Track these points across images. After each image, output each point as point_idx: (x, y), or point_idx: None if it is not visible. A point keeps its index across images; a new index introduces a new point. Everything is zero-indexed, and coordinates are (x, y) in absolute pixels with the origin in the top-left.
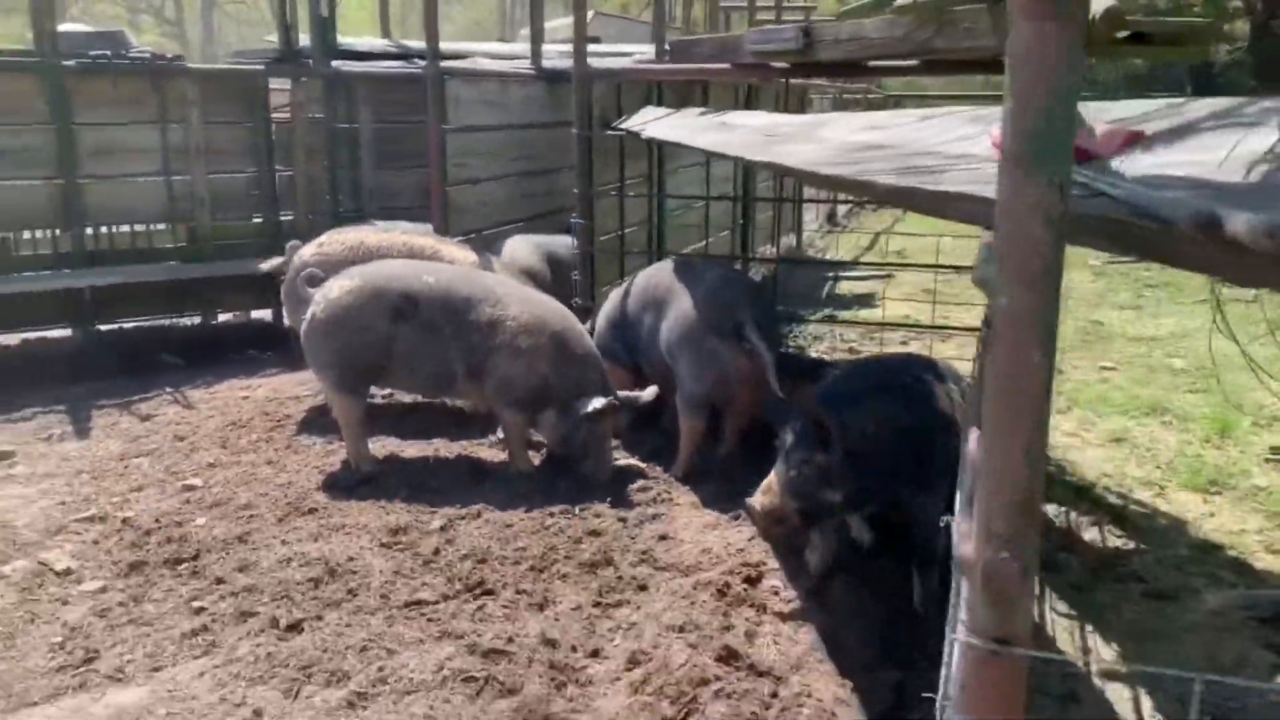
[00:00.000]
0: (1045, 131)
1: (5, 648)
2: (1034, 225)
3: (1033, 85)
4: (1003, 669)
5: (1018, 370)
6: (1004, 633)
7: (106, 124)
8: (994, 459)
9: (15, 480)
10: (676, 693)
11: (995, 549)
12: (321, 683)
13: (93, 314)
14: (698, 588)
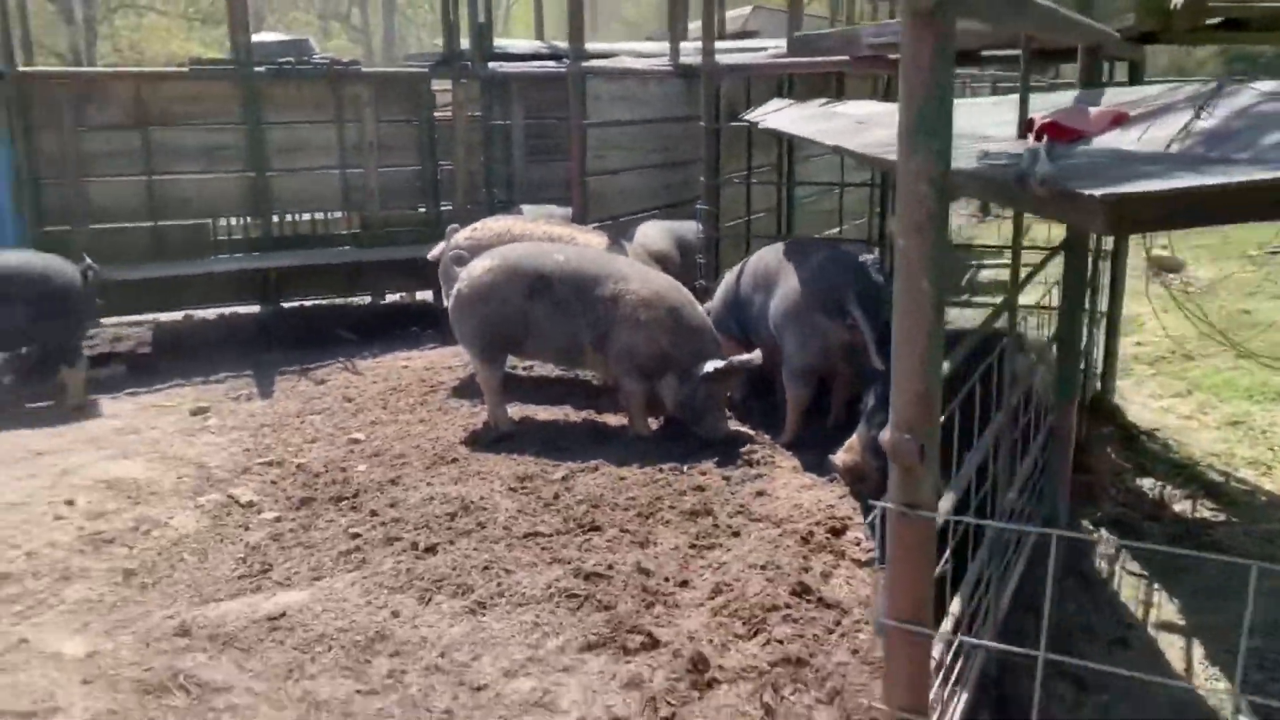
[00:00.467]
0: (925, 113)
1: (199, 561)
2: (920, 184)
3: (914, 78)
4: (912, 529)
5: (912, 296)
6: (910, 499)
7: (292, 123)
8: (899, 364)
9: (209, 431)
10: (749, 615)
11: (901, 431)
12: (449, 594)
13: (277, 292)
14: (784, 535)
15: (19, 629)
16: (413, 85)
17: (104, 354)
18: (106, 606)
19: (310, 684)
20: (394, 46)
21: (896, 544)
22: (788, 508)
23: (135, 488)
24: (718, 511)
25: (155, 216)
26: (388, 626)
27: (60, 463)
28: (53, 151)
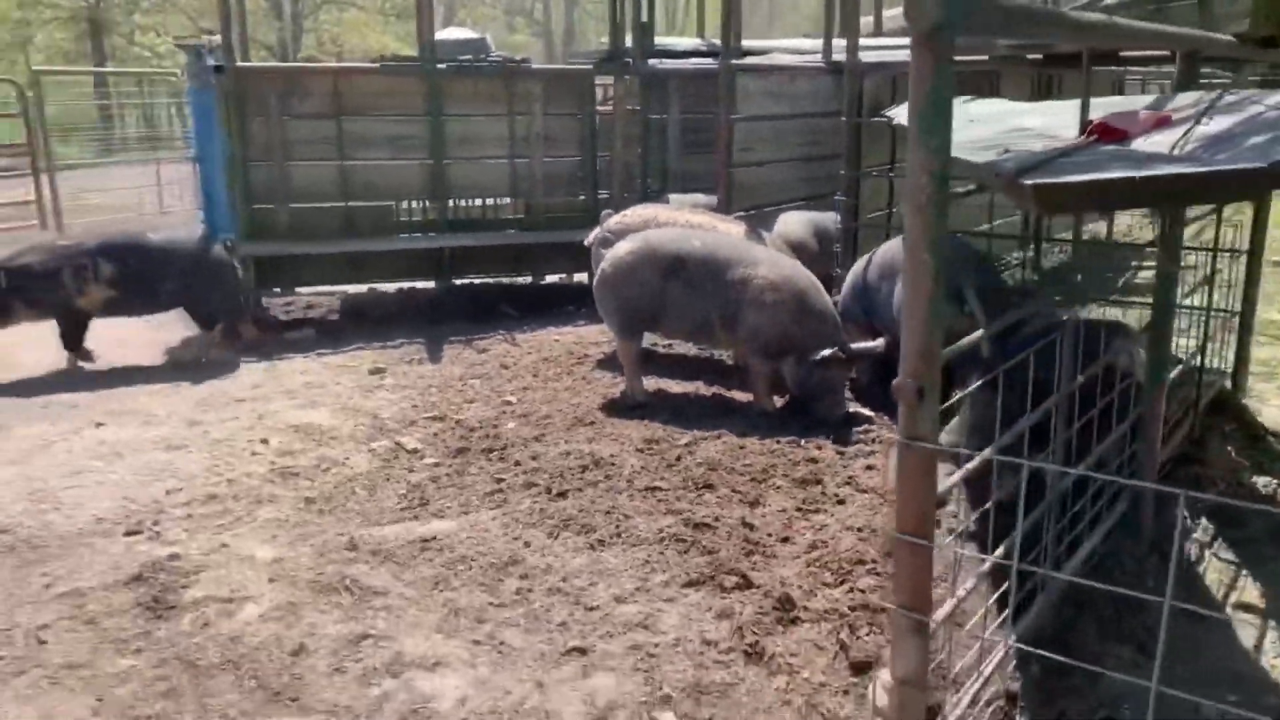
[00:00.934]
0: (926, 116)
1: (368, 494)
2: (921, 175)
3: (917, 88)
4: (914, 458)
5: (916, 267)
6: (913, 433)
7: (468, 116)
8: (908, 323)
9: (384, 389)
10: (838, 567)
11: (906, 376)
12: (574, 531)
13: (450, 270)
14: (886, 504)
15: (221, 537)
16: (578, 81)
17: (298, 319)
18: (291, 525)
19: (452, 594)
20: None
21: (902, 471)
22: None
23: (319, 432)
24: (827, 481)
25: (346, 198)
26: (520, 554)
27: (258, 409)
28: (261, 138)
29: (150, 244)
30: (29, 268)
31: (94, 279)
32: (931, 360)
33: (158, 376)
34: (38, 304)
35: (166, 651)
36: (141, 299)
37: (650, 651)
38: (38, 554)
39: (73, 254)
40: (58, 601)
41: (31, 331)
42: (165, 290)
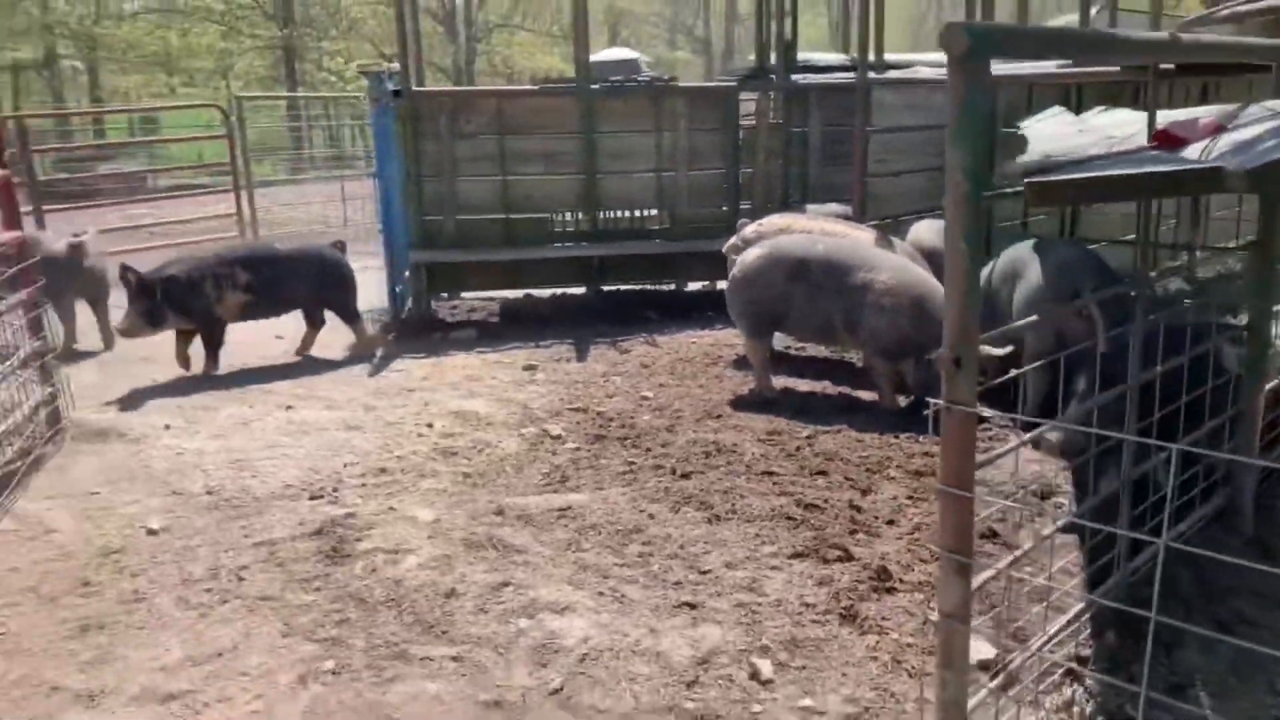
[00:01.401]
0: (961, 126)
1: (516, 471)
2: (956, 174)
3: (956, 103)
4: (954, 419)
5: (953, 254)
6: (952, 398)
7: (619, 133)
8: (949, 302)
9: (535, 383)
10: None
11: (947, 349)
12: (694, 507)
13: (599, 277)
14: (993, 494)
15: (389, 502)
16: (722, 98)
17: (462, 321)
18: (448, 494)
19: (582, 554)
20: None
21: (945, 431)
22: (1005, 475)
23: (477, 419)
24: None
25: (507, 210)
26: (644, 524)
27: (425, 398)
28: (433, 156)
29: (279, 253)
30: (176, 278)
31: (232, 287)
32: (968, 334)
33: (339, 368)
34: (185, 311)
35: (341, 590)
36: (271, 303)
37: (753, 609)
38: (238, 511)
39: (214, 264)
40: (254, 548)
41: (247, 329)
42: (292, 295)
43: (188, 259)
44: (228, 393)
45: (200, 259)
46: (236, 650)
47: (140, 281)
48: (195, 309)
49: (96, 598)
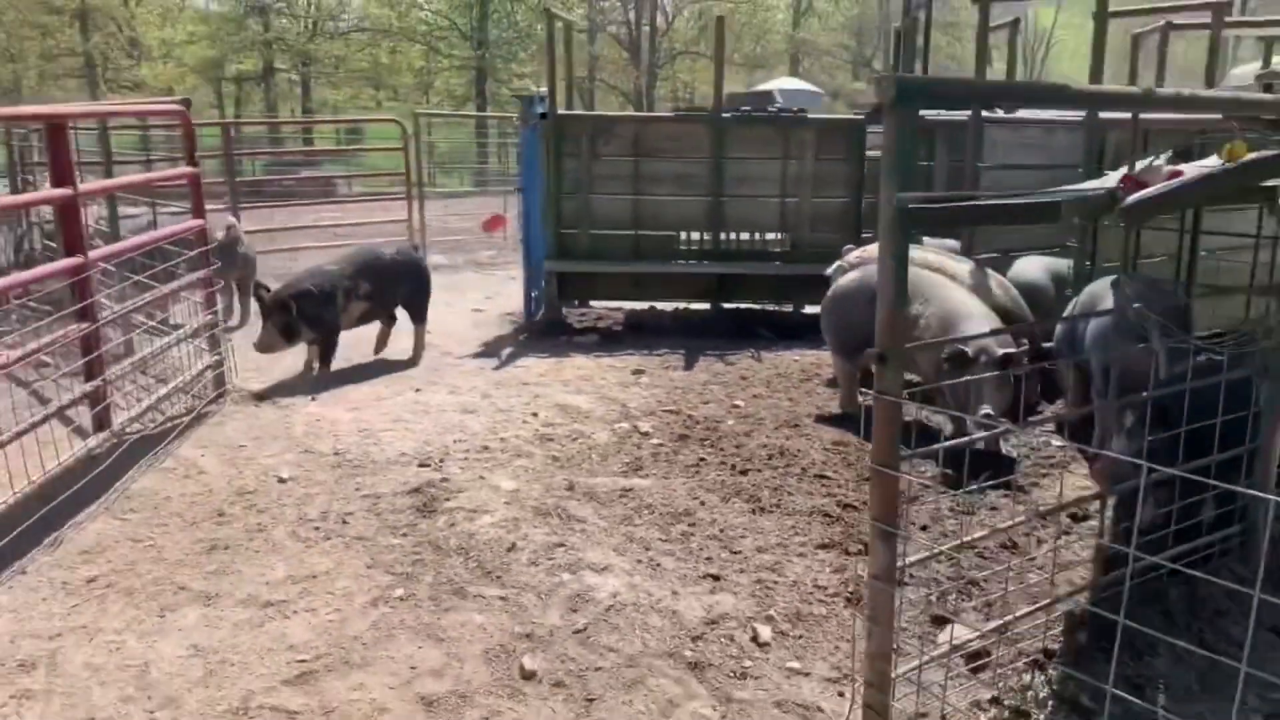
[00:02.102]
0: (891, 162)
1: (600, 459)
2: (886, 206)
3: (888, 142)
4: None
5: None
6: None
7: (746, 159)
8: (880, 310)
9: (639, 386)
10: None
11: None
12: (743, 499)
13: (719, 294)
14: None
15: (481, 474)
16: (849, 130)
17: (588, 327)
18: (533, 471)
19: (632, 529)
20: None
21: (875, 417)
22: (1050, 497)
23: (578, 412)
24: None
25: (636, 227)
26: (694, 509)
27: (536, 391)
28: (572, 174)
29: (387, 259)
30: (310, 293)
31: (356, 297)
32: (894, 336)
33: (467, 361)
34: (317, 324)
35: (423, 538)
36: (381, 308)
37: (769, 586)
38: (355, 470)
39: (341, 276)
40: (361, 499)
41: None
42: (394, 299)
43: (316, 273)
44: (368, 375)
45: (329, 272)
46: (328, 575)
47: (276, 299)
48: (326, 320)
49: (227, 526)
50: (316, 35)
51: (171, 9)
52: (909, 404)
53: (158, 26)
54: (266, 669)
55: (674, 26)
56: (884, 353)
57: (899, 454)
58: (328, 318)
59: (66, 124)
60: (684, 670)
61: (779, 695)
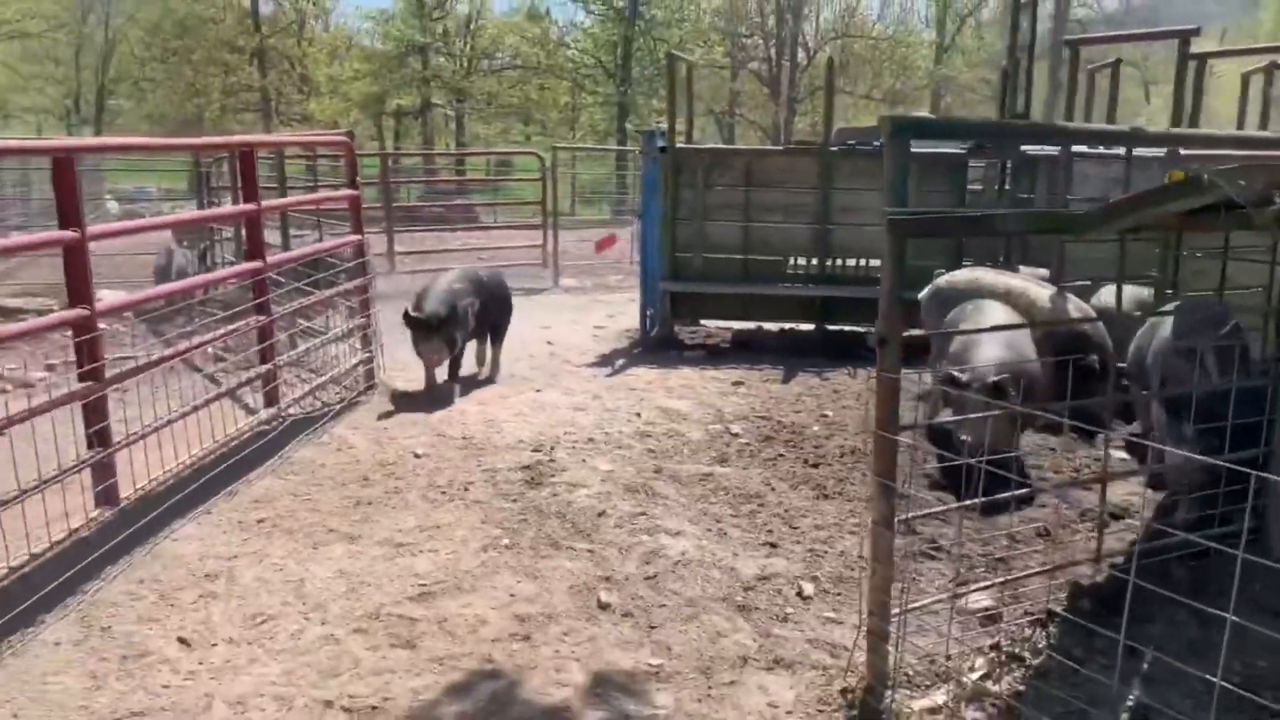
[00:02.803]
0: (892, 185)
1: (691, 452)
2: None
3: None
4: (883, 383)
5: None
6: (882, 368)
7: (851, 189)
8: (881, 304)
9: (736, 395)
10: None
11: (878, 332)
12: (810, 487)
13: (823, 316)
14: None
15: (584, 458)
16: (950, 164)
17: (698, 344)
18: (629, 459)
19: (707, 505)
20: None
21: (877, 391)
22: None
23: (677, 414)
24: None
25: (746, 252)
26: (764, 493)
27: (642, 395)
28: (688, 202)
29: (489, 279)
30: (441, 314)
31: (474, 313)
32: (891, 322)
33: (584, 369)
34: (449, 342)
35: (529, 504)
36: (485, 327)
37: (820, 554)
38: (479, 451)
39: (466, 295)
40: (481, 473)
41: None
42: (494, 317)
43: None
44: (498, 379)
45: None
46: (449, 526)
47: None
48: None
49: (369, 488)
50: (471, 73)
51: (340, 47)
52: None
53: (326, 64)
54: (395, 589)
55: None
56: (884, 337)
57: (897, 422)
58: (461, 334)
59: (255, 151)
60: (734, 611)
61: (811, 635)
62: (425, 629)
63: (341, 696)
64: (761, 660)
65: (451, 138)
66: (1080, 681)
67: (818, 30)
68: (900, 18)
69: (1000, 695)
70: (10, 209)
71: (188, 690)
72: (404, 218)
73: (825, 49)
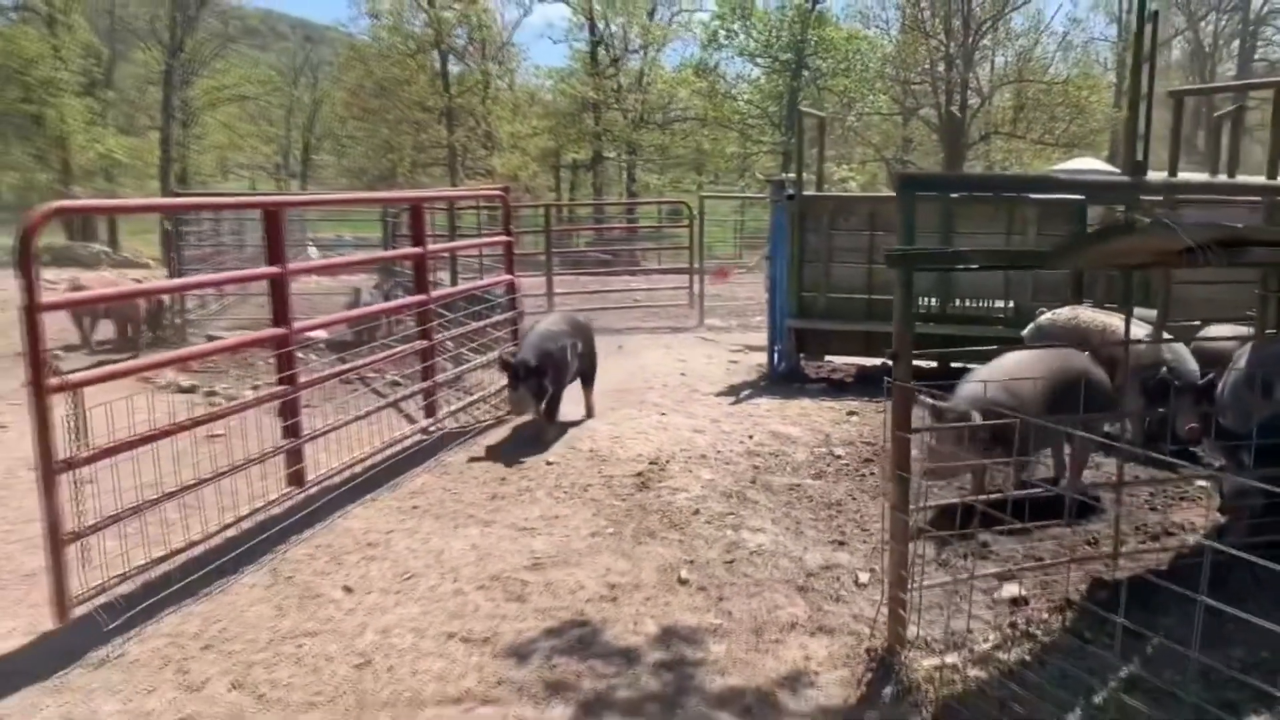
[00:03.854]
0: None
1: (792, 469)
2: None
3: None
4: (899, 391)
5: (898, 301)
6: (896, 377)
7: (973, 233)
8: (895, 322)
9: (848, 423)
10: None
11: (892, 349)
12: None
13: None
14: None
15: (691, 469)
16: (1071, 209)
17: (822, 377)
18: (731, 472)
19: (790, 509)
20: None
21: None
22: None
23: (786, 438)
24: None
25: (869, 291)
26: (845, 501)
27: (758, 421)
28: (813, 245)
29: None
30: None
31: (574, 354)
32: (902, 340)
33: (710, 397)
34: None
35: (635, 503)
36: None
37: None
38: (602, 462)
39: (563, 336)
40: (599, 478)
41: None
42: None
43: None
44: (630, 403)
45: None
46: (566, 518)
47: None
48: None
49: (505, 486)
50: (641, 126)
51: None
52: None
53: (509, 121)
54: (514, 560)
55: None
56: (897, 352)
57: (910, 424)
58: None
59: (423, 205)
60: (794, 591)
61: (856, 612)
62: (534, 589)
63: (461, 631)
64: (807, 627)
65: (623, 187)
66: (1084, 656)
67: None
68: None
69: (1005, 662)
70: (227, 255)
71: (348, 621)
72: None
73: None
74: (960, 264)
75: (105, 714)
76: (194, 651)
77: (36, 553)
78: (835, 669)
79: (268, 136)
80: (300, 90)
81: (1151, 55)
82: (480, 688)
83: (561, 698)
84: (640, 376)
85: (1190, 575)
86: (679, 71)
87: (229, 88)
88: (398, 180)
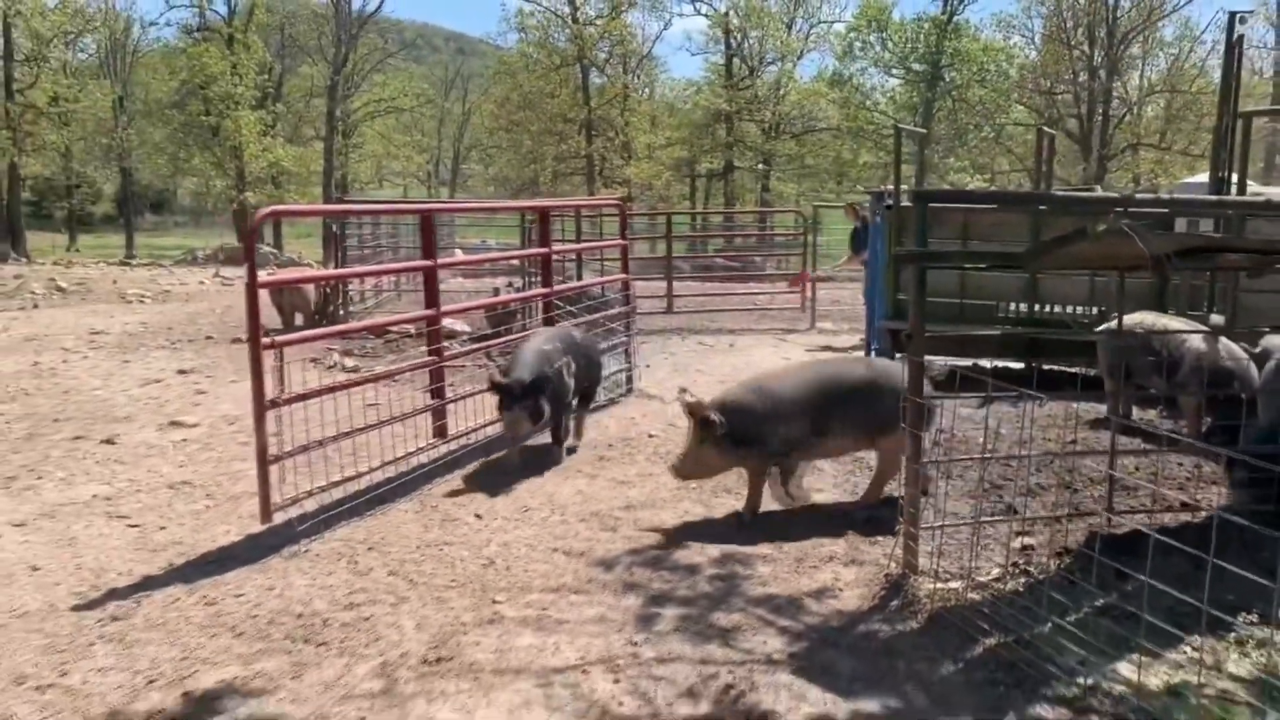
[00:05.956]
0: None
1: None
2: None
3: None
4: (912, 364)
5: (912, 297)
6: (911, 354)
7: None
8: (910, 319)
9: None
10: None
11: (908, 329)
12: (944, 474)
13: (1031, 355)
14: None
15: None
16: (1157, 220)
17: None
18: None
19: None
20: None
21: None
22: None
23: None
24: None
25: (961, 295)
26: None
27: None
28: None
29: (577, 340)
30: (548, 376)
31: (572, 373)
32: (917, 323)
33: None
34: (585, 400)
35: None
36: (587, 385)
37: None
38: None
39: (559, 354)
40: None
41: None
42: (590, 376)
43: (544, 355)
44: None
45: (548, 352)
46: (658, 475)
47: (521, 386)
48: (561, 399)
49: (611, 450)
50: (775, 136)
51: (659, 115)
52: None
53: (645, 132)
54: (611, 504)
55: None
56: (910, 333)
57: (922, 391)
58: (562, 397)
59: (549, 213)
60: (838, 535)
61: (888, 551)
62: (624, 522)
63: (563, 547)
64: (842, 559)
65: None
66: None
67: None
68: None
69: (1001, 590)
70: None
71: (477, 536)
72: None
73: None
74: (944, 264)
75: (297, 585)
76: (361, 551)
77: (239, 481)
78: (856, 588)
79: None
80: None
81: (1237, 74)
82: (574, 582)
83: (634, 592)
84: (745, 369)
85: (1180, 533)
86: (813, 83)
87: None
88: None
